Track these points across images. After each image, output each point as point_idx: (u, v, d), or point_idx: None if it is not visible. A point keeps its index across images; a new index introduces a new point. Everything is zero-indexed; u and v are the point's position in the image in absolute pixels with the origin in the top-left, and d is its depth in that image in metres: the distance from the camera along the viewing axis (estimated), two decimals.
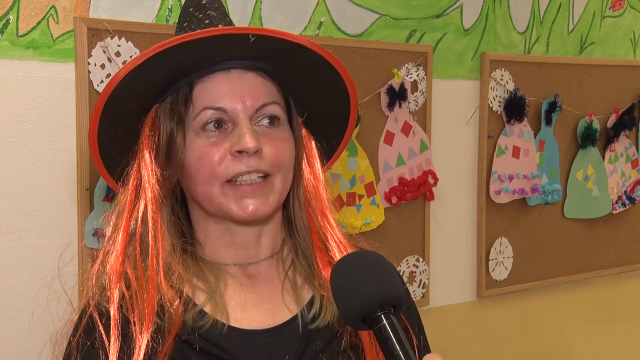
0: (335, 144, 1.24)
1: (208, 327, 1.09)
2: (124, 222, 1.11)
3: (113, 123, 1.10)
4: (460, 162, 2.68)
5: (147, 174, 1.10)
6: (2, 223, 1.84)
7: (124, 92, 1.07)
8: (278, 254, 1.19)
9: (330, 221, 1.17)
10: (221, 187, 1.09)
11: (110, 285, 1.08)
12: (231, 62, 1.10)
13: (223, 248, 1.16)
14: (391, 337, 0.90)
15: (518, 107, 2.71)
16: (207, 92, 1.10)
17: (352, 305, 0.93)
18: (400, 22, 2.48)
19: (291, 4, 2.25)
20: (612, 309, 3.16)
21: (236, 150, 1.07)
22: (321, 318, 1.13)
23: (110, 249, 1.11)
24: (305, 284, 1.17)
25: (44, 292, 1.89)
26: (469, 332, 2.73)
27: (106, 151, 1.13)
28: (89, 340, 1.08)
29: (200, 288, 1.13)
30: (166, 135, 1.11)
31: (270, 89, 1.13)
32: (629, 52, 3.15)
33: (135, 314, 1.06)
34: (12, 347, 1.87)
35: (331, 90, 1.18)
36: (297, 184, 1.18)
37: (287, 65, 1.12)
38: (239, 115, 1.09)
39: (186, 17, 1.18)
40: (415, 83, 2.49)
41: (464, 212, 2.70)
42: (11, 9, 1.81)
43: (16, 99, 1.83)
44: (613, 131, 3.02)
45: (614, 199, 3.09)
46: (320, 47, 1.11)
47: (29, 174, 1.86)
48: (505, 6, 2.73)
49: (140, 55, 1.04)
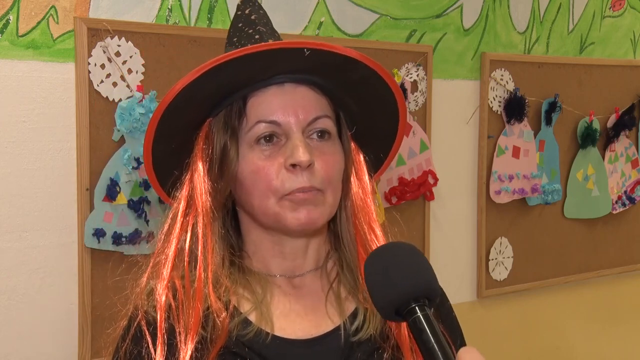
0: (382, 156, 1.26)
1: (252, 335, 1.10)
2: (175, 232, 1.13)
3: (167, 136, 1.12)
4: (460, 162, 2.68)
5: (200, 186, 1.12)
6: (2, 223, 1.84)
7: (178, 106, 1.09)
8: (322, 267, 1.20)
9: (378, 234, 1.18)
10: (278, 201, 1.10)
11: (158, 294, 1.10)
12: (284, 76, 1.12)
13: (271, 259, 1.17)
14: (426, 330, 0.89)
15: (518, 107, 2.71)
16: (261, 105, 1.11)
17: (386, 297, 0.93)
18: (400, 22, 2.48)
19: (291, 4, 2.25)
20: (612, 309, 3.16)
21: (290, 164, 1.09)
22: (364, 331, 1.13)
23: (161, 259, 1.13)
24: (349, 296, 1.18)
25: (44, 292, 1.90)
26: (469, 332, 2.71)
27: (159, 164, 1.16)
28: (137, 348, 1.09)
29: (246, 298, 1.14)
30: (220, 148, 1.12)
31: (322, 102, 1.14)
32: (629, 52, 3.15)
33: (181, 324, 1.08)
34: (12, 347, 1.86)
35: (380, 103, 1.19)
36: (345, 197, 1.19)
37: (339, 79, 1.14)
38: (292, 129, 1.10)
39: (235, 33, 1.19)
40: (415, 83, 2.49)
41: (464, 212, 2.70)
42: (11, 9, 1.81)
43: (16, 99, 1.83)
44: (613, 131, 3.02)
45: (614, 199, 3.09)
46: (372, 60, 1.13)
47: (29, 174, 1.86)
48: (505, 6, 2.73)
49: (196, 70, 1.06)
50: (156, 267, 1.13)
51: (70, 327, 1.92)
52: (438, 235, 2.62)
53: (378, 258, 0.99)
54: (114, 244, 1.93)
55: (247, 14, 1.20)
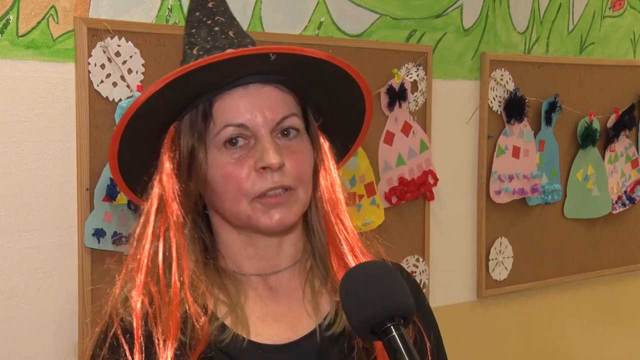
0: (348, 144, 1.26)
1: (228, 341, 1.10)
2: (148, 238, 1.12)
3: (134, 143, 1.12)
4: (460, 162, 2.68)
5: (169, 190, 1.12)
6: (2, 223, 1.84)
7: (143, 114, 1.09)
8: (299, 262, 1.20)
9: (346, 224, 1.18)
10: (250, 204, 1.10)
11: (133, 301, 1.09)
12: (249, 77, 1.11)
13: (245, 259, 1.17)
14: (400, 349, 0.90)
15: (518, 107, 2.71)
16: (227, 108, 1.11)
17: (361, 317, 0.94)
18: (400, 22, 2.48)
19: (291, 4, 2.25)
20: (612, 309, 3.16)
21: (260, 167, 1.09)
22: (336, 324, 1.14)
23: (134, 266, 1.12)
24: (323, 289, 1.18)
25: (44, 292, 1.90)
26: (469, 332, 2.73)
27: (129, 170, 1.16)
28: (114, 357, 1.08)
29: (222, 300, 1.14)
30: (187, 152, 1.12)
31: (289, 100, 1.14)
32: (629, 52, 3.15)
33: (159, 330, 1.07)
34: (12, 347, 1.86)
35: (348, 95, 1.20)
36: (315, 189, 1.19)
37: (305, 77, 1.14)
38: (261, 131, 1.10)
39: (193, 23, 1.18)
40: (415, 83, 2.49)
41: (464, 212, 2.70)
42: (11, 9, 1.81)
43: (16, 99, 1.83)
44: (613, 131, 3.02)
45: (614, 199, 3.09)
46: (340, 59, 1.13)
47: (29, 174, 1.86)
48: (505, 6, 2.73)
49: (160, 80, 1.06)
50: (130, 273, 1.12)
51: (71, 327, 1.92)
52: (438, 235, 2.62)
53: (353, 278, 0.99)
54: (114, 244, 1.93)
55: (203, 1, 1.19)
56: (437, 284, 2.61)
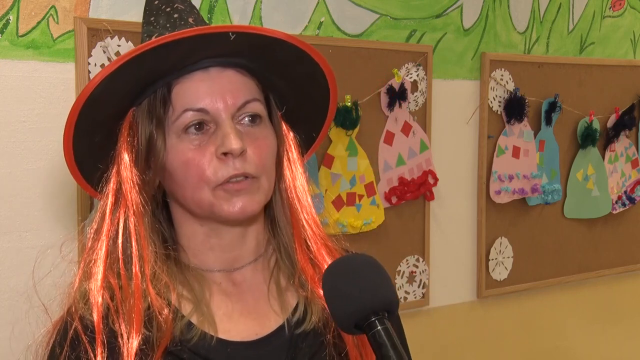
0: (314, 135, 1.22)
1: (196, 340, 1.07)
2: (105, 229, 1.08)
3: (89, 130, 1.07)
4: (460, 162, 2.68)
5: (127, 178, 1.07)
6: (2, 223, 1.84)
7: (98, 99, 1.03)
8: (263, 256, 1.17)
9: (312, 217, 1.15)
10: (212, 191, 1.07)
11: (93, 296, 1.05)
12: (208, 60, 1.07)
13: (208, 252, 1.13)
14: (385, 343, 0.90)
15: (518, 107, 2.71)
16: (186, 92, 1.06)
17: (345, 311, 0.93)
18: (400, 22, 2.48)
19: (291, 4, 2.25)
20: (612, 309, 3.16)
21: (222, 153, 1.05)
22: (307, 322, 1.12)
23: (92, 258, 1.08)
24: (289, 285, 1.15)
25: (43, 293, 1.90)
26: (468, 332, 2.73)
27: (84, 159, 1.10)
28: (74, 353, 1.04)
29: (186, 297, 1.10)
30: (145, 139, 1.08)
31: (250, 85, 1.10)
32: (629, 52, 3.15)
33: (122, 325, 1.03)
34: (12, 347, 1.86)
35: (310, 80, 1.15)
36: (279, 180, 1.16)
37: (265, 60, 1.10)
38: (221, 116, 1.06)
39: (152, 11, 1.14)
40: (415, 83, 2.49)
41: (464, 212, 2.70)
42: (11, 9, 1.81)
43: (16, 99, 1.83)
44: (613, 131, 3.02)
45: (614, 199, 3.09)
46: (298, 39, 1.09)
47: (29, 174, 1.86)
48: (505, 6, 2.73)
49: (113, 62, 1.01)
50: (88, 267, 1.08)
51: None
52: (438, 235, 2.62)
53: (336, 271, 0.98)
54: None
55: None
56: (437, 284, 2.61)
